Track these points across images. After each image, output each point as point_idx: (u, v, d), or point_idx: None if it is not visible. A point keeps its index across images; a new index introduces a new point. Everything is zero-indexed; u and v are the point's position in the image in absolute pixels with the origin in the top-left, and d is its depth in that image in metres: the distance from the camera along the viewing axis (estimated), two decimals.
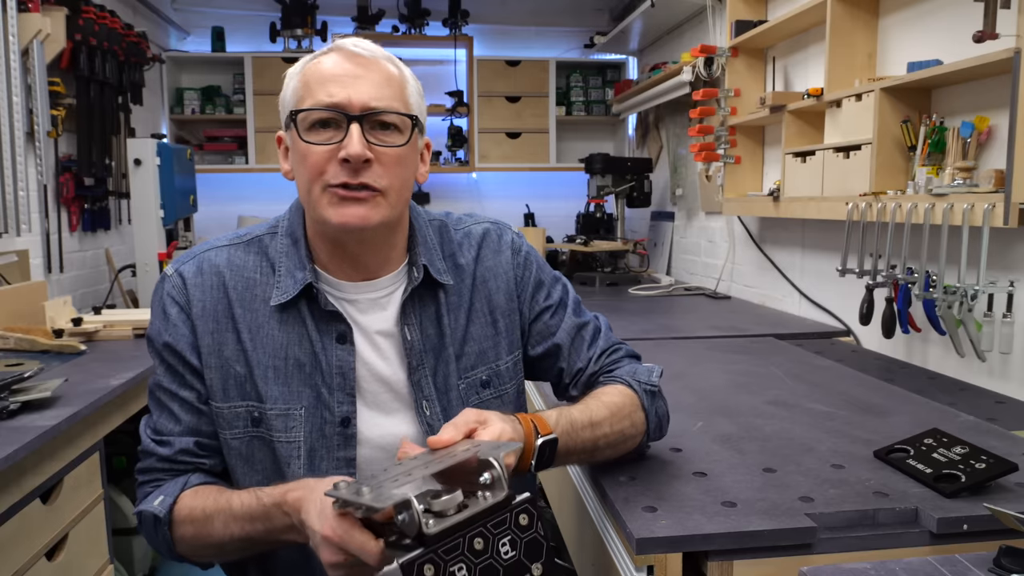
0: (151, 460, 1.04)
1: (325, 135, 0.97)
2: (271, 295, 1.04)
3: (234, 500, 0.95)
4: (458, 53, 4.39)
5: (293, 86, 1.01)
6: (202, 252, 1.08)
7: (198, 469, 1.04)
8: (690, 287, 3.32)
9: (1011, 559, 0.80)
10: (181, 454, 1.03)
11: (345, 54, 1.00)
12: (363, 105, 0.97)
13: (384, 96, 0.98)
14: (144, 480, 1.04)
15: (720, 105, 2.74)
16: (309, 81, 0.99)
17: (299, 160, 1.00)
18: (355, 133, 0.95)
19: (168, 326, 1.04)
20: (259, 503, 0.92)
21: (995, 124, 1.65)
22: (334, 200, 0.97)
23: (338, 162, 0.96)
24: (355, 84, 0.97)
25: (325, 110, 0.96)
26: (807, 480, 1.08)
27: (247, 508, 0.93)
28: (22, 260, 2.50)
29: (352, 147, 0.95)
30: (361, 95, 0.97)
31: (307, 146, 0.97)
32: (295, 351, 1.03)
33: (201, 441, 1.04)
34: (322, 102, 0.96)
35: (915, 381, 1.71)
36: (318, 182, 0.98)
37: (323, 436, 1.02)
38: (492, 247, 1.15)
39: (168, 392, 1.04)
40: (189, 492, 1.00)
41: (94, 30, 2.82)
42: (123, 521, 2.34)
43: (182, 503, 0.99)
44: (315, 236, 1.07)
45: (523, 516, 0.77)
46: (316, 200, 0.98)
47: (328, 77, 0.98)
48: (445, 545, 0.71)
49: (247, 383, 1.02)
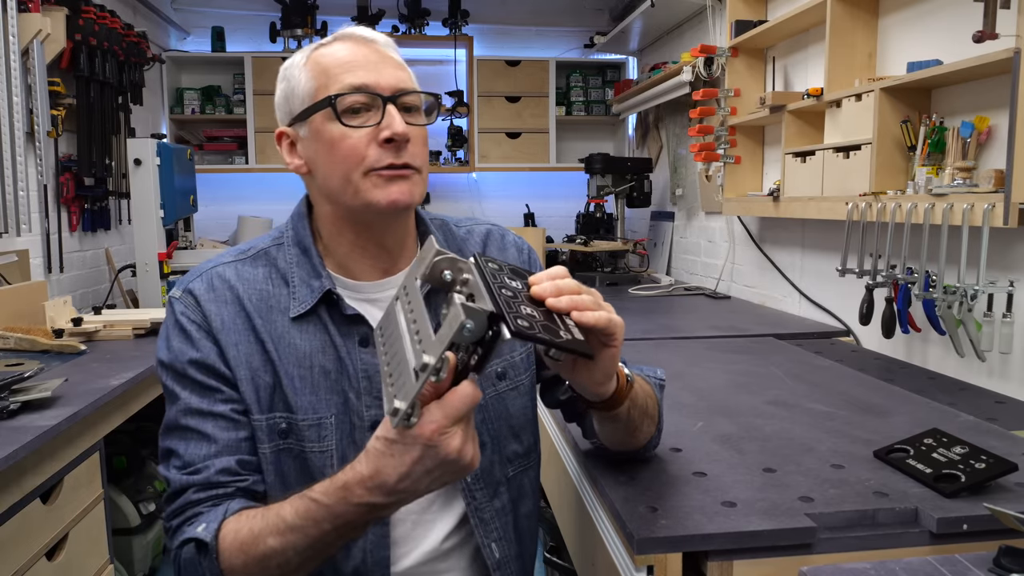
0: (186, 495, 0.93)
1: (360, 119, 0.96)
2: (288, 306, 1.01)
3: (284, 511, 0.85)
4: (458, 53, 4.39)
5: (304, 78, 0.98)
6: (209, 268, 1.04)
7: (239, 490, 0.95)
8: (690, 287, 3.32)
9: (1011, 559, 0.80)
10: (221, 474, 0.94)
11: (356, 40, 1.00)
12: (393, 87, 0.96)
13: (405, 79, 0.99)
14: (179, 522, 0.93)
15: (720, 105, 2.74)
16: (328, 69, 0.97)
17: (329, 148, 0.96)
18: (395, 112, 0.95)
19: (192, 343, 0.98)
20: (317, 504, 0.82)
21: (995, 124, 1.65)
22: (379, 182, 0.96)
23: (378, 144, 0.95)
24: (379, 68, 0.97)
25: (360, 92, 0.95)
26: (807, 480, 1.08)
27: (304, 513, 0.83)
28: (22, 260, 2.50)
29: (397, 125, 0.94)
30: (388, 77, 0.97)
31: (341, 132, 0.95)
32: (319, 359, 1.00)
33: (243, 459, 0.96)
34: (354, 85, 0.95)
35: (915, 381, 1.71)
36: (359, 167, 0.96)
37: (353, 442, 0.99)
38: (496, 244, 1.16)
39: (199, 413, 0.96)
40: (231, 518, 0.89)
41: (94, 30, 2.82)
42: (123, 521, 2.34)
43: (226, 529, 0.88)
44: (337, 232, 1.04)
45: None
46: (357, 185, 0.96)
47: (349, 62, 0.97)
48: (491, 268, 0.79)
49: (276, 393, 0.99)
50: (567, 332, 0.78)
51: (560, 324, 0.79)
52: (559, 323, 0.79)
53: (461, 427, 0.74)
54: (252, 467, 0.97)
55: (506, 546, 1.06)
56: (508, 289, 0.77)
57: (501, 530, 1.06)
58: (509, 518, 1.08)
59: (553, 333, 0.76)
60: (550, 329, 0.76)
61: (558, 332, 0.77)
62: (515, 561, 1.07)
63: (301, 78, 0.99)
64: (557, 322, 0.79)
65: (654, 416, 1.07)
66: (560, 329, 0.77)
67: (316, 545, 0.84)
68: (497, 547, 1.05)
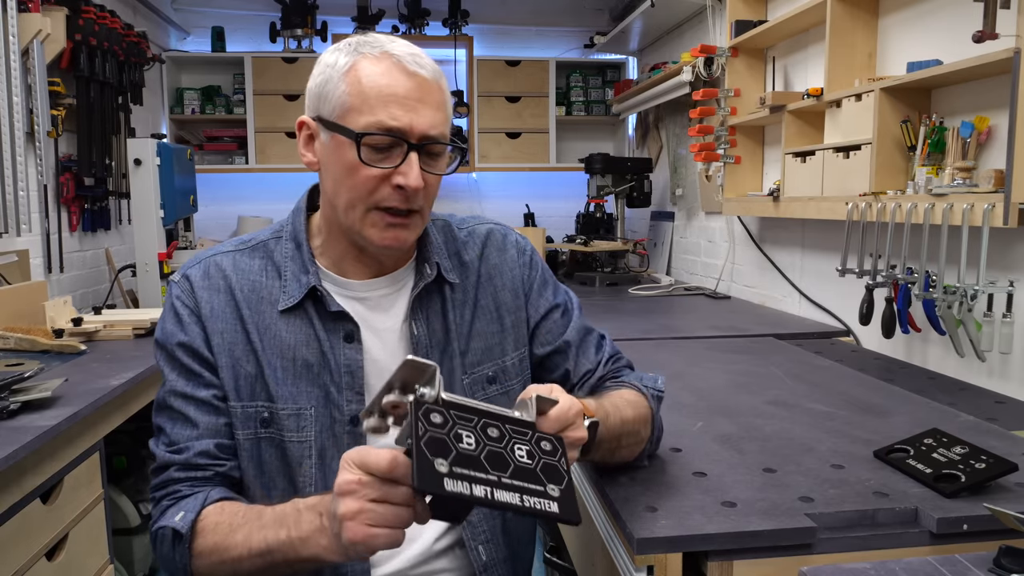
0: (168, 472, 1.00)
1: (380, 156, 0.96)
2: (278, 298, 1.05)
3: (266, 511, 0.91)
4: (458, 53, 4.39)
5: (343, 89, 0.96)
6: (208, 257, 1.08)
7: (218, 475, 1.01)
8: (690, 287, 3.32)
9: (1011, 559, 0.80)
10: (200, 456, 1.00)
11: (404, 71, 0.96)
12: (422, 133, 0.96)
13: (439, 123, 0.97)
14: (162, 495, 1.00)
15: (720, 105, 2.74)
16: (366, 91, 0.95)
17: (343, 170, 0.97)
18: (415, 163, 0.95)
19: (182, 326, 1.03)
20: (293, 507, 0.88)
21: (995, 124, 1.65)
22: (379, 223, 0.98)
23: (391, 187, 0.96)
24: (417, 109, 0.95)
25: (387, 135, 0.94)
26: (807, 480, 1.08)
27: (279, 514, 0.88)
28: (22, 260, 2.50)
29: (412, 178, 0.95)
30: (422, 123, 0.95)
31: (360, 164, 0.95)
32: (303, 352, 1.03)
33: (221, 443, 1.02)
34: (384, 124, 0.94)
35: (915, 381, 1.71)
36: (365, 201, 0.97)
37: (333, 435, 1.03)
38: (497, 246, 1.16)
39: (183, 396, 1.02)
40: (214, 507, 0.96)
41: (94, 30, 2.82)
42: (123, 521, 2.34)
43: (207, 518, 0.94)
44: (332, 237, 1.06)
45: (546, 443, 0.75)
46: (359, 218, 0.98)
47: (388, 96, 0.95)
48: (459, 412, 0.71)
49: (257, 383, 1.03)
50: (555, 488, 0.73)
51: (546, 476, 0.74)
52: (544, 480, 0.74)
53: (357, 476, 0.75)
54: (231, 451, 1.03)
55: (494, 549, 1.07)
56: (461, 424, 0.72)
57: (489, 532, 1.07)
58: (497, 521, 1.09)
59: (494, 411, 0.74)
60: (507, 485, 0.71)
61: (527, 489, 0.72)
62: (504, 564, 1.08)
63: (340, 86, 0.96)
64: (540, 479, 0.74)
65: (639, 432, 1.07)
66: (545, 486, 0.73)
67: (272, 548, 0.87)
68: (484, 549, 1.06)
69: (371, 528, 0.75)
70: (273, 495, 1.01)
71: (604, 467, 1.11)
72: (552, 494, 0.72)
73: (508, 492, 0.71)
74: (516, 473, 0.72)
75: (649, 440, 1.11)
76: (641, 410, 1.07)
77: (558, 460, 0.75)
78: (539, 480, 0.73)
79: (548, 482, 0.73)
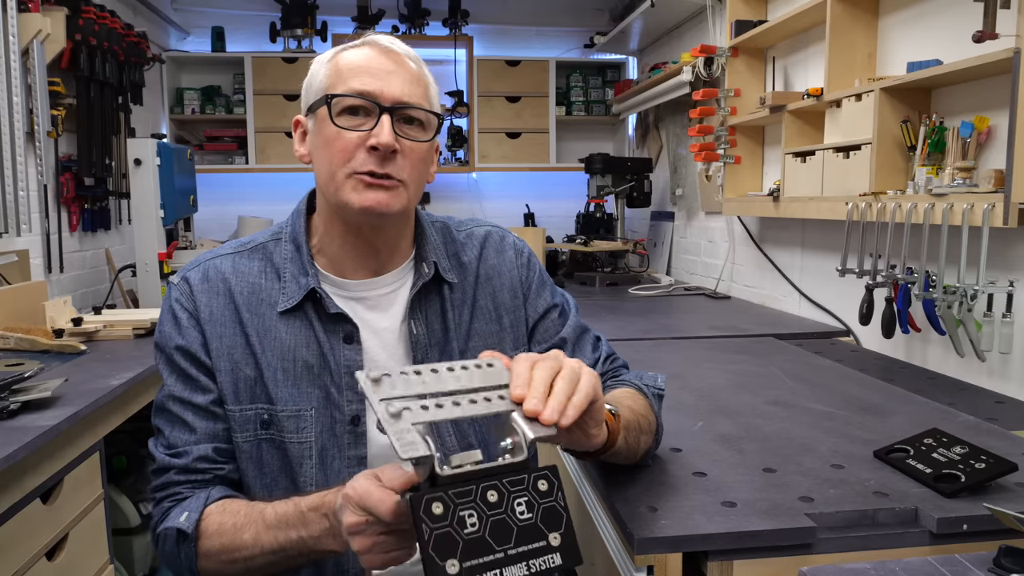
0: (168, 475, 1.02)
1: (355, 121, 1.00)
2: (277, 300, 1.05)
3: (267, 510, 0.93)
4: (458, 53, 4.39)
5: (324, 73, 1.03)
6: (208, 259, 1.09)
7: (217, 477, 1.03)
8: (690, 287, 3.32)
9: (1011, 559, 0.80)
10: (199, 461, 1.02)
11: (379, 49, 1.03)
12: (395, 99, 1.00)
13: (414, 93, 1.02)
14: (162, 496, 1.02)
15: (720, 105, 2.74)
16: (342, 69, 1.01)
17: (324, 144, 1.01)
18: (386, 123, 0.98)
19: (180, 330, 1.04)
20: (296, 508, 0.90)
21: (995, 124, 1.65)
22: (359, 186, 0.99)
23: (366, 150, 0.99)
24: (388, 78, 1.00)
25: (358, 97, 0.99)
26: (807, 480, 1.08)
27: (282, 515, 0.91)
28: (22, 260, 2.50)
29: (383, 136, 0.97)
30: (393, 89, 1.00)
31: (336, 130, 0.99)
32: (303, 353, 1.04)
33: (219, 447, 1.03)
34: (355, 89, 0.99)
35: (915, 381, 1.71)
36: (344, 167, 1.00)
37: (334, 435, 1.03)
38: (495, 247, 1.18)
39: (181, 401, 1.03)
40: (216, 505, 0.98)
41: (94, 30, 2.82)
42: (123, 521, 2.34)
43: (210, 517, 0.96)
44: (329, 228, 1.07)
45: (542, 482, 0.75)
46: (340, 185, 1.00)
47: (362, 67, 1.01)
48: (457, 488, 0.71)
49: (257, 385, 1.03)
50: (556, 535, 0.73)
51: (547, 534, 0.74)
52: (541, 534, 0.73)
53: (363, 518, 0.77)
54: (229, 455, 1.04)
55: None
56: (466, 508, 0.71)
57: None
58: None
59: (489, 468, 0.73)
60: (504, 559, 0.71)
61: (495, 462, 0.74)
62: None
63: (320, 73, 1.03)
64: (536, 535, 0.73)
65: (649, 430, 1.07)
66: (547, 537, 0.73)
67: (285, 547, 0.90)
68: None
69: (387, 554, 0.78)
70: (275, 494, 1.01)
71: (606, 466, 1.11)
72: (554, 544, 0.73)
73: (515, 565, 0.72)
74: (520, 536, 0.73)
75: (656, 440, 1.11)
76: (643, 410, 1.07)
77: (555, 497, 0.76)
78: (541, 534, 0.73)
79: (549, 531, 0.74)
